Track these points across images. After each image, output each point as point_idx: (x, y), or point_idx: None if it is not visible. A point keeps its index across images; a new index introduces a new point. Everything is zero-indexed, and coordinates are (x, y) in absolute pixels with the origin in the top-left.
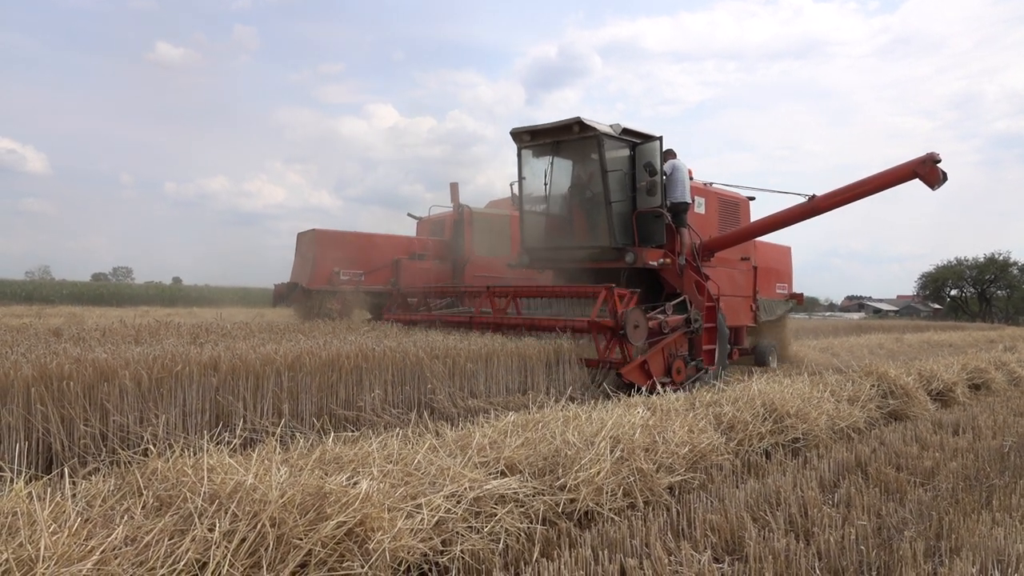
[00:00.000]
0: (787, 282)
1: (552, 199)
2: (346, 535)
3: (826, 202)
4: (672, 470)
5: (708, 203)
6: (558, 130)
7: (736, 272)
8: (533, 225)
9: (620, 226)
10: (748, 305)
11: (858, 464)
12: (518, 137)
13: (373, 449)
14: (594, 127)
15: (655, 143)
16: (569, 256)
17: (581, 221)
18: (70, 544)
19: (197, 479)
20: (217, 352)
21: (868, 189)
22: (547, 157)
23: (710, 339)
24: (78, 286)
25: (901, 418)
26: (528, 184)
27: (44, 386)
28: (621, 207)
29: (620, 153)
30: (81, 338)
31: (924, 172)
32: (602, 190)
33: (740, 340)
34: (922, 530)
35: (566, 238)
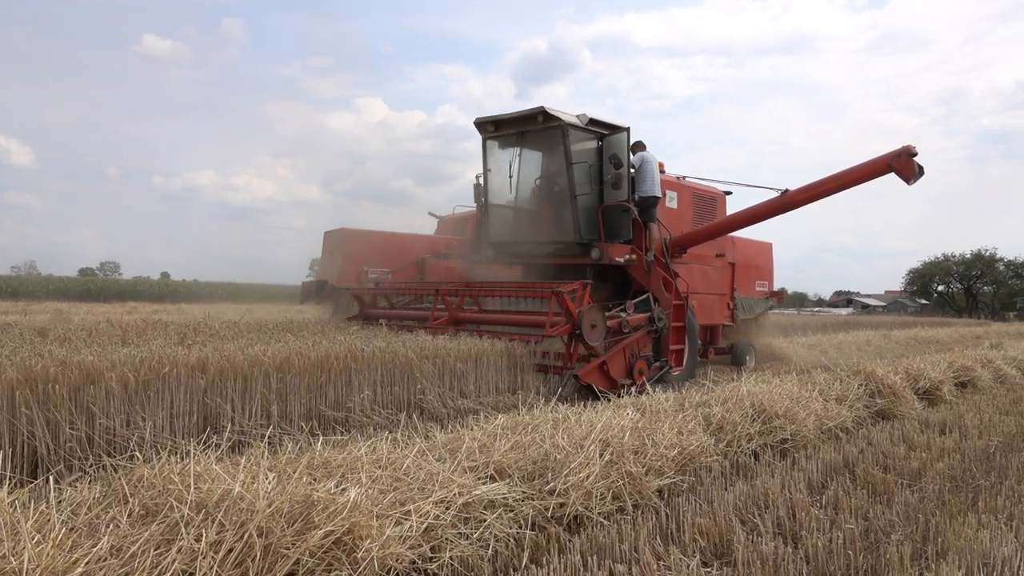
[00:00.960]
0: (767, 279)
1: (517, 192)
2: (334, 544)
3: (799, 196)
4: (661, 473)
5: (681, 197)
6: (522, 120)
7: (710, 269)
8: (498, 219)
9: (585, 221)
10: (724, 303)
11: (846, 465)
12: (482, 127)
13: (362, 453)
14: (558, 117)
15: (622, 135)
16: (535, 251)
17: (546, 215)
18: (54, 555)
19: (184, 487)
20: (205, 353)
21: (842, 183)
22: (512, 148)
23: (678, 339)
24: (65, 281)
25: (889, 417)
26: (493, 176)
27: (29, 389)
28: (587, 201)
29: (586, 145)
30: (67, 338)
31: (899, 166)
32: (567, 183)
33: (716, 339)
34: (909, 533)
35: (532, 233)
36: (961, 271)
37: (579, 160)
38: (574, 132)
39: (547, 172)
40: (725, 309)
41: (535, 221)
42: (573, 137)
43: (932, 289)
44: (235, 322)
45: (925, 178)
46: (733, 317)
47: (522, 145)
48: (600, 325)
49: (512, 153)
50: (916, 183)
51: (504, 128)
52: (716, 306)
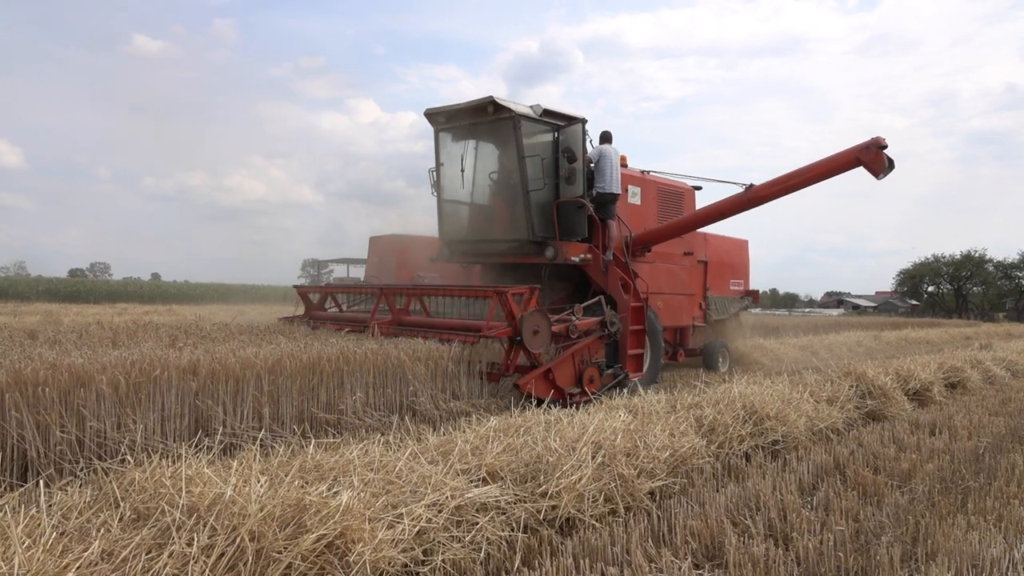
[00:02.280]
0: (743, 278)
1: (469, 187)
2: (326, 548)
3: (765, 191)
4: (653, 475)
5: (645, 193)
6: (473, 111)
7: (678, 268)
8: (452, 216)
9: (539, 218)
10: (695, 303)
11: (836, 466)
12: (433, 118)
13: (354, 456)
14: (509, 107)
15: (578, 126)
16: (489, 250)
17: (500, 212)
18: (45, 560)
19: (175, 491)
20: (196, 356)
21: (809, 178)
22: (465, 141)
23: (637, 343)
24: (54, 282)
25: (879, 418)
26: (446, 170)
27: (19, 392)
28: (541, 196)
29: (541, 137)
30: (57, 341)
31: (868, 159)
32: (519, 177)
33: (685, 341)
34: (899, 535)
35: (485, 230)
36: (951, 272)
37: (532, 153)
38: (526, 123)
39: (500, 166)
40: (696, 309)
41: (488, 218)
42: (526, 129)
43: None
44: (226, 324)
45: (915, 178)
46: (706, 318)
47: (474, 137)
48: (544, 331)
49: (464, 146)
50: (886, 177)
51: (456, 119)
52: (685, 307)
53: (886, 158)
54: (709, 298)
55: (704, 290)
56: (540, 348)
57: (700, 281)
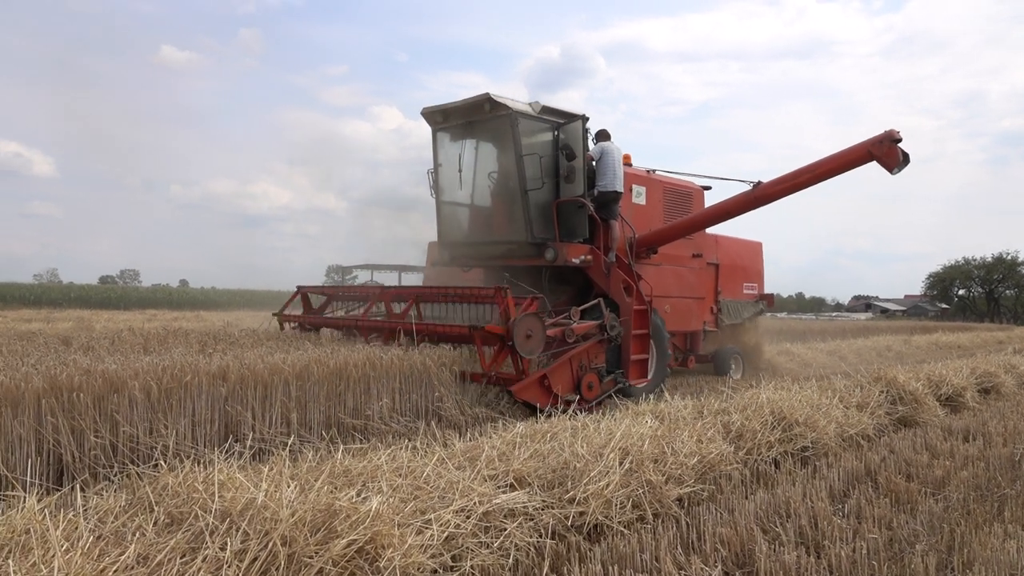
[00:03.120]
0: (757, 281)
1: (467, 188)
2: (356, 553)
3: (772, 189)
4: (681, 481)
5: (651, 193)
6: (470, 109)
7: (686, 270)
8: (450, 218)
9: (538, 218)
10: (706, 307)
11: (868, 473)
12: (430, 118)
13: (382, 462)
14: (506, 105)
15: (577, 124)
16: (488, 252)
17: (499, 213)
18: (83, 564)
19: (208, 496)
20: (226, 362)
21: (818, 174)
22: (463, 140)
23: (641, 348)
24: (86, 289)
25: (911, 424)
26: (444, 171)
27: (55, 397)
28: (539, 196)
29: (540, 134)
30: (90, 347)
31: (881, 153)
32: (517, 177)
33: (696, 346)
34: (934, 543)
35: (484, 232)
36: (982, 275)
37: (530, 152)
38: (524, 121)
39: (498, 165)
40: (707, 314)
41: (487, 220)
42: (523, 127)
43: (953, 293)
44: (254, 330)
45: (944, 180)
46: (717, 323)
47: (472, 136)
48: (538, 336)
49: (462, 145)
50: (901, 172)
51: (453, 118)
52: (694, 311)
53: (900, 152)
54: (721, 302)
55: (715, 294)
56: (533, 354)
57: (711, 284)
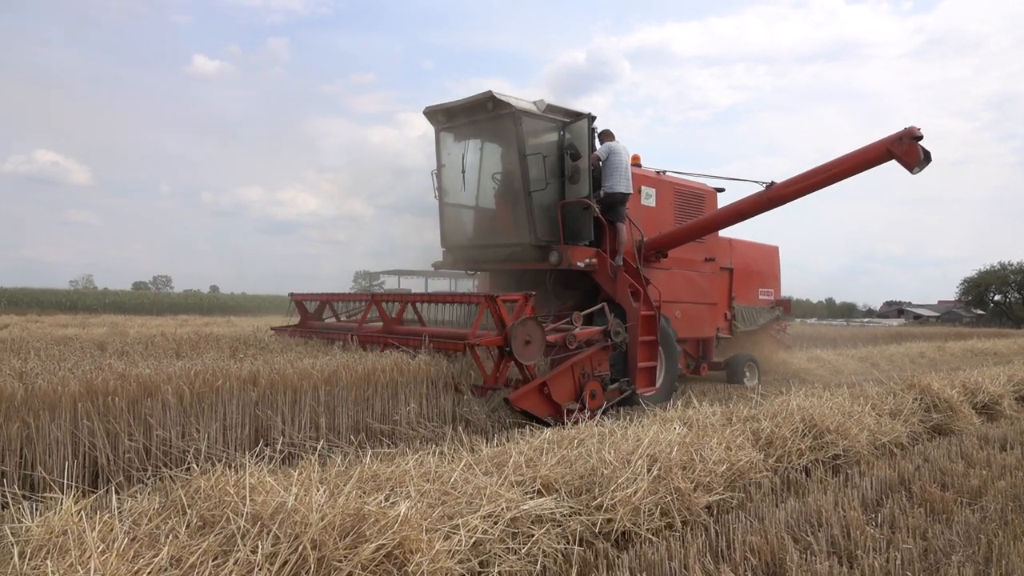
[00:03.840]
0: (773, 287)
1: (471, 189)
2: (385, 558)
3: (786, 190)
4: (710, 489)
5: (661, 194)
6: (473, 108)
7: (698, 275)
8: (453, 220)
9: (542, 220)
10: (719, 313)
11: (901, 482)
12: (433, 117)
13: (410, 467)
14: (509, 103)
15: (583, 122)
16: (492, 255)
17: (502, 215)
18: (118, 565)
19: (239, 499)
20: (256, 367)
21: (834, 174)
22: (466, 140)
23: (648, 355)
24: (120, 295)
25: (945, 433)
26: (448, 172)
27: (90, 401)
28: (544, 197)
29: (544, 134)
30: (124, 352)
31: (900, 151)
32: (521, 177)
33: (708, 353)
34: (970, 554)
35: (488, 234)
36: (1019, 280)
37: (535, 151)
38: (528, 120)
39: (502, 166)
40: (721, 320)
41: (490, 221)
42: (527, 126)
43: (988, 299)
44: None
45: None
46: (731, 329)
47: (475, 136)
48: (537, 341)
49: (465, 145)
50: (921, 171)
51: (456, 117)
52: (706, 317)
53: (921, 150)
54: (735, 308)
55: (729, 299)
56: (532, 360)
57: (724, 289)
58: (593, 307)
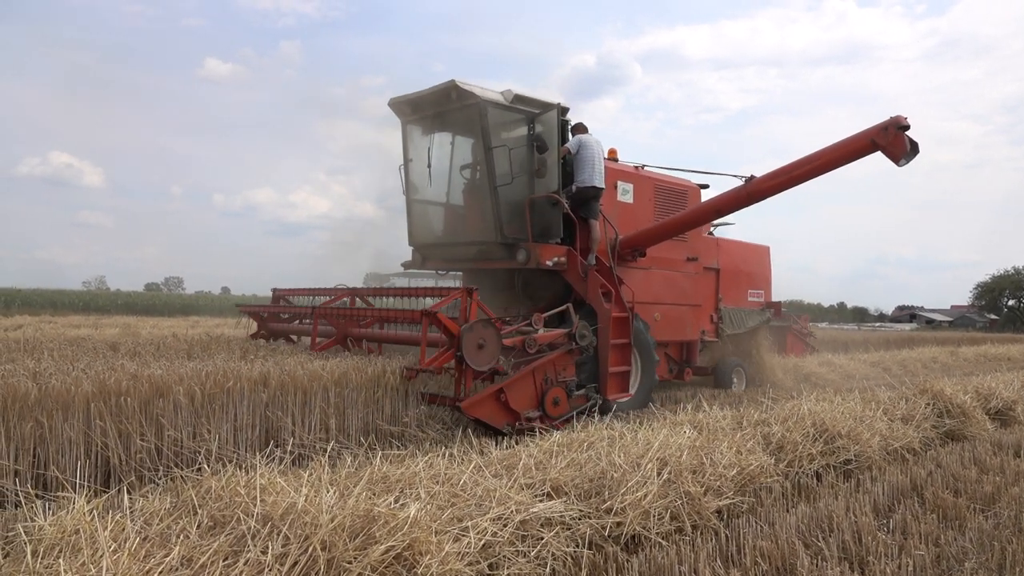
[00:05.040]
0: (763, 288)
1: (437, 184)
2: (395, 559)
3: (766, 184)
4: (720, 493)
5: (639, 190)
6: (437, 99)
7: (680, 275)
8: (421, 216)
9: (509, 216)
10: (704, 315)
11: (914, 488)
12: (398, 109)
13: (420, 469)
14: (473, 93)
15: (552, 113)
16: (459, 254)
17: (469, 211)
18: (130, 564)
19: (250, 499)
20: (267, 368)
21: (817, 166)
22: (432, 133)
23: (621, 359)
24: (132, 296)
25: (958, 438)
26: (415, 166)
27: (103, 401)
28: (511, 193)
29: (512, 125)
30: (137, 352)
31: (886, 142)
32: (487, 171)
33: (692, 357)
34: (984, 561)
35: (455, 232)
36: None
37: (500, 143)
38: (494, 111)
39: (468, 159)
40: (706, 323)
41: (457, 218)
42: (493, 117)
43: (1002, 304)
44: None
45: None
46: (718, 332)
47: (441, 129)
48: (492, 345)
49: (431, 138)
50: (908, 164)
51: (421, 109)
52: (688, 319)
53: (908, 140)
54: (722, 310)
55: (715, 301)
56: (487, 365)
57: (710, 291)
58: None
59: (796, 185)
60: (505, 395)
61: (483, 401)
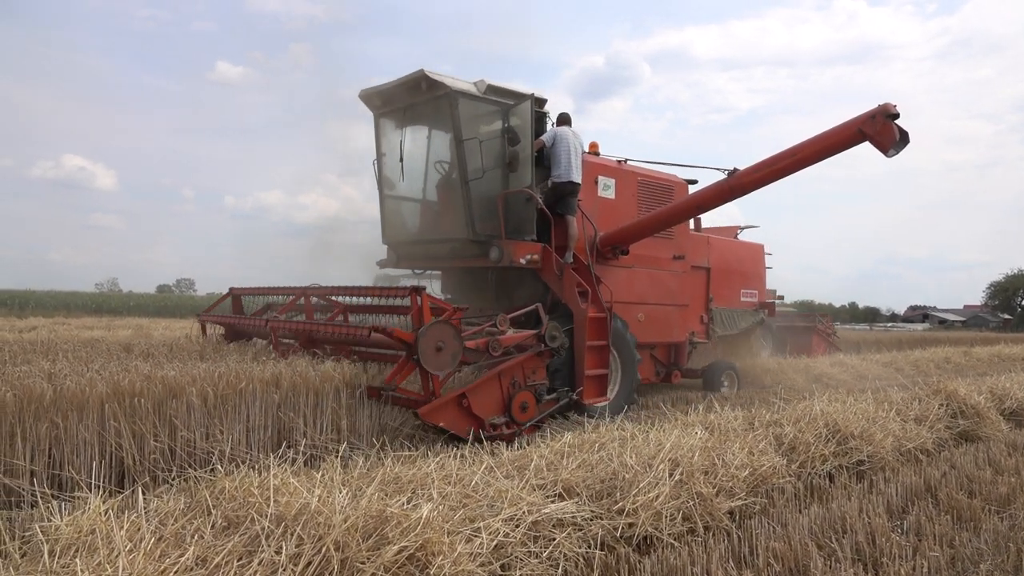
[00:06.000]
0: (757, 288)
1: (410, 179)
2: (407, 559)
3: (750, 177)
4: (732, 494)
5: (621, 185)
6: (407, 90)
7: (666, 274)
8: (394, 213)
9: (481, 212)
10: (693, 316)
11: (928, 489)
12: (369, 101)
13: (431, 470)
14: (443, 83)
15: (525, 104)
16: (432, 252)
17: (441, 207)
18: (145, 564)
19: (263, 500)
20: (278, 369)
21: (801, 158)
22: (404, 126)
23: (598, 362)
24: (144, 298)
25: (972, 439)
26: (387, 161)
27: (117, 402)
28: (483, 187)
29: (485, 117)
30: (150, 354)
31: (873, 131)
32: (458, 165)
33: (680, 359)
34: (999, 563)
35: (428, 229)
36: None
37: (471, 136)
38: (466, 102)
39: (440, 153)
40: (695, 323)
41: (430, 215)
42: (465, 108)
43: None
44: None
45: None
46: (708, 333)
47: (412, 121)
48: (451, 345)
49: (403, 132)
50: (898, 154)
51: (392, 101)
52: (675, 320)
53: (897, 129)
54: (713, 310)
55: (706, 301)
56: (445, 369)
57: (699, 290)
58: (553, 309)
59: (781, 177)
60: (468, 400)
61: (444, 407)
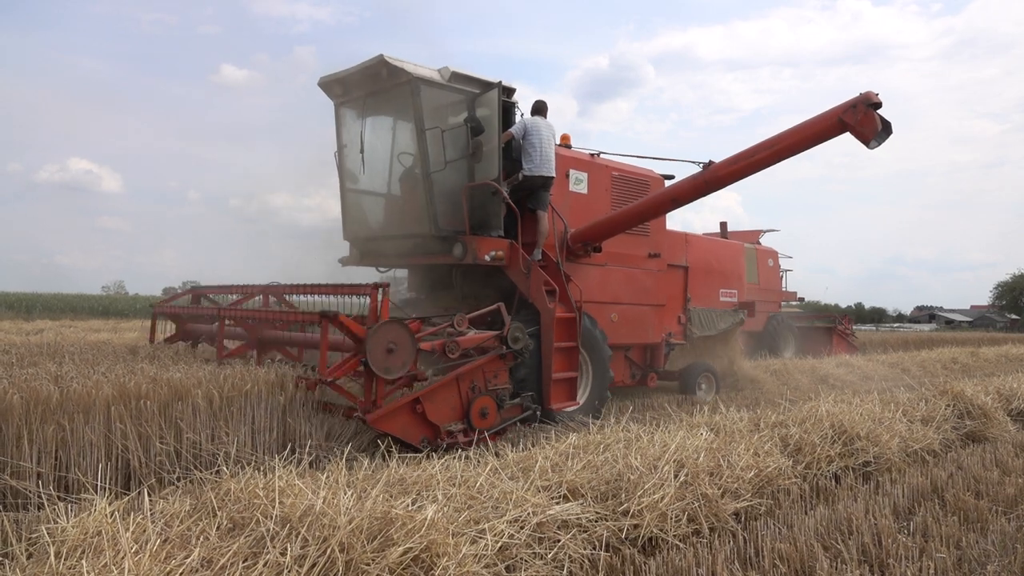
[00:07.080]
0: (736, 287)
1: (371, 172)
2: (412, 561)
3: (726, 170)
4: (738, 495)
5: (594, 180)
6: (367, 77)
7: (640, 272)
8: (355, 208)
9: (444, 206)
10: (670, 316)
11: (934, 490)
12: (329, 90)
13: (436, 471)
14: (404, 69)
15: (492, 92)
16: (395, 249)
17: (403, 201)
18: (151, 566)
19: (268, 502)
20: (284, 371)
21: (780, 149)
22: (364, 116)
23: (567, 364)
24: (150, 300)
25: (979, 440)
26: (349, 153)
27: (123, 404)
28: (446, 180)
29: (450, 106)
30: (155, 356)
31: (854, 121)
32: (420, 156)
33: (656, 361)
34: (1006, 564)
35: (390, 224)
36: None
37: (436, 126)
38: (428, 89)
39: (402, 144)
40: (673, 324)
41: (392, 209)
42: (427, 96)
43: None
44: None
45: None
46: (686, 334)
47: (374, 111)
48: (404, 348)
49: (364, 122)
50: (880, 146)
51: (353, 89)
52: (651, 320)
53: (879, 119)
54: (690, 311)
55: (683, 301)
56: (397, 373)
57: (677, 290)
58: (521, 308)
59: (759, 170)
60: (422, 406)
61: (395, 413)
